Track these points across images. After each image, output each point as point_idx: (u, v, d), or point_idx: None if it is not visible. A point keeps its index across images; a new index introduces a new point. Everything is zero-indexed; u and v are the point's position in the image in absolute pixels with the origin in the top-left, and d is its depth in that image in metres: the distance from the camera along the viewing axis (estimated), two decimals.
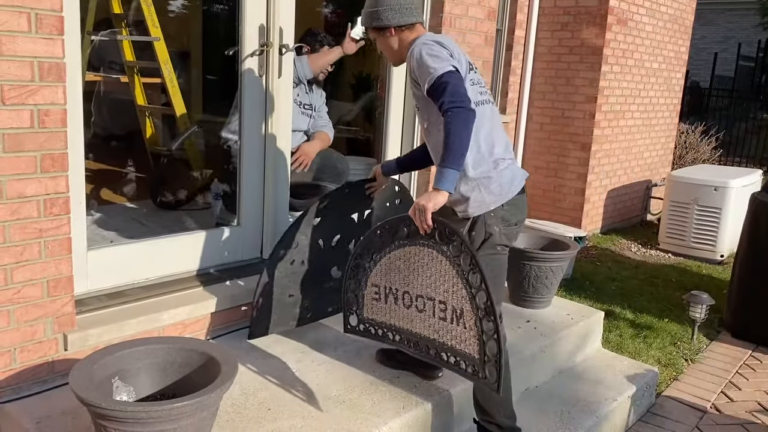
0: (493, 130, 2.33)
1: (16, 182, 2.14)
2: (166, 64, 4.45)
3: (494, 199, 2.28)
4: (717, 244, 5.84)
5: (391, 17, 2.29)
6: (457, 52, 2.26)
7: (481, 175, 2.27)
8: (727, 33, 21.08)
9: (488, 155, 2.30)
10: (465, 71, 2.24)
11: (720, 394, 3.52)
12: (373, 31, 2.37)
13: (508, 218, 2.33)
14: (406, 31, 2.32)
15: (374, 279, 2.38)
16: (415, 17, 2.33)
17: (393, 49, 2.37)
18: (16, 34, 2.07)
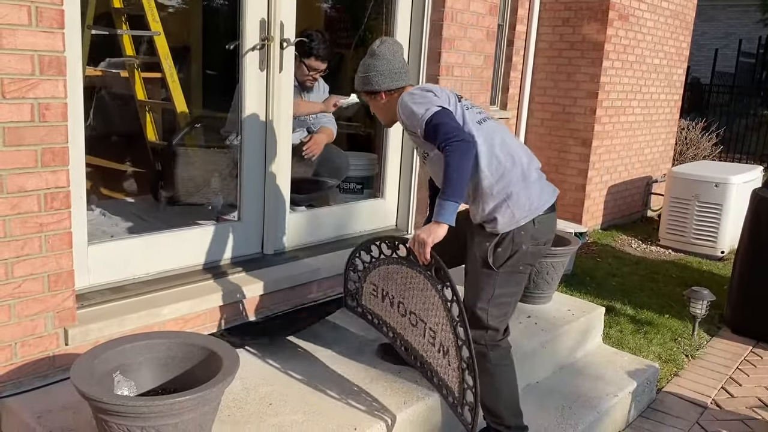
0: (507, 139, 2.35)
1: (16, 176, 2.13)
2: (167, 58, 4.43)
3: (524, 214, 2.27)
4: (717, 241, 5.84)
5: (381, 82, 2.39)
6: (440, 90, 2.34)
7: (506, 188, 2.26)
8: (728, 29, 21.04)
9: (511, 165, 2.28)
10: (454, 104, 2.31)
11: (720, 389, 3.52)
12: (365, 95, 2.47)
13: (538, 237, 2.32)
14: (395, 94, 2.41)
15: (373, 278, 2.38)
16: (404, 81, 2.42)
17: (384, 111, 2.47)
18: (17, 27, 2.06)
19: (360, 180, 4.39)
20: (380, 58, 2.39)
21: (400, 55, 2.43)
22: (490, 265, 2.29)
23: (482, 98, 4.00)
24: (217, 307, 2.81)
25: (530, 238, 2.29)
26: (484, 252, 2.29)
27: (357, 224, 3.73)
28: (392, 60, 2.40)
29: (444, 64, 3.68)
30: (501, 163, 2.27)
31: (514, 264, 2.31)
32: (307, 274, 3.15)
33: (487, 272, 2.31)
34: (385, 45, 2.41)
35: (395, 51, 2.42)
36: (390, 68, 2.38)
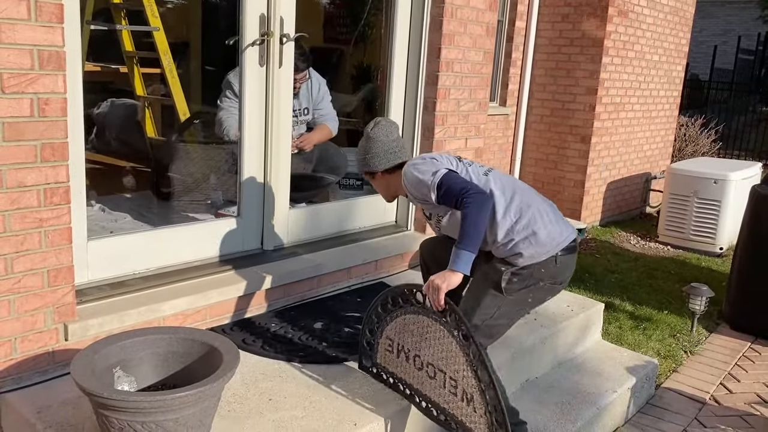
0: (517, 183, 2.44)
1: (16, 171, 2.13)
2: (166, 54, 4.43)
3: (546, 249, 2.32)
4: (716, 237, 5.85)
5: (378, 164, 2.49)
6: (440, 156, 2.43)
7: (527, 227, 2.31)
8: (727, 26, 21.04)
9: (527, 206, 2.34)
10: (456, 165, 2.40)
11: (719, 385, 3.53)
12: (366, 175, 2.58)
13: (556, 275, 2.38)
14: (394, 172, 2.50)
15: (389, 332, 2.38)
16: (400, 158, 2.50)
17: (384, 188, 2.59)
18: (16, 21, 2.05)
19: (359, 176, 4.39)
20: (374, 141, 2.49)
21: (394, 135, 2.52)
22: (501, 288, 2.32)
23: (482, 94, 3.99)
24: (217, 302, 2.81)
25: (549, 276, 2.36)
26: (499, 276, 2.32)
27: (357, 220, 3.73)
28: (386, 141, 2.48)
29: (444, 60, 3.68)
30: (518, 205, 2.34)
31: (524, 295, 2.35)
32: (307, 270, 3.15)
33: (494, 294, 2.33)
34: (379, 127, 2.51)
35: (389, 131, 2.50)
36: (385, 149, 2.48)
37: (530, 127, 6.53)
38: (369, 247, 3.55)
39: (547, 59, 6.34)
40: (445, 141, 3.83)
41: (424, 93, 3.75)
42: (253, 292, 2.94)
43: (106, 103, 4.93)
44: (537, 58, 6.38)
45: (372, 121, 2.56)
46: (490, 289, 2.33)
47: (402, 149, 2.52)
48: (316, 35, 6.42)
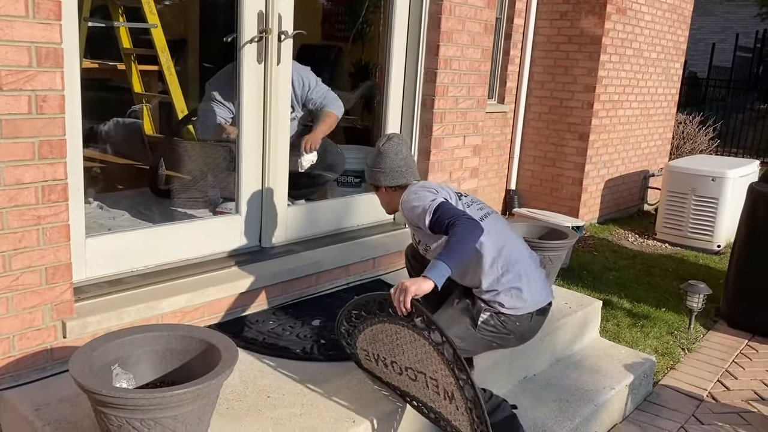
0: (511, 235, 2.47)
1: (13, 169, 2.13)
2: (164, 51, 4.42)
3: (525, 306, 2.36)
4: (714, 234, 5.86)
5: (383, 179, 2.55)
6: (440, 188, 2.46)
7: (511, 282, 2.34)
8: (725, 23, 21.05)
9: (515, 260, 2.38)
10: (455, 201, 2.43)
11: (716, 382, 3.53)
12: (371, 185, 2.63)
13: (525, 333, 2.43)
14: (398, 190, 2.55)
15: (362, 344, 2.37)
16: (406, 179, 2.55)
17: (386, 202, 2.65)
18: (13, 18, 2.05)
19: (358, 173, 4.39)
20: (383, 157, 2.54)
21: (403, 153, 2.55)
22: (476, 324, 2.35)
23: (480, 91, 3.99)
24: (216, 300, 2.81)
25: (520, 332, 2.40)
26: (479, 313, 2.35)
27: (355, 218, 3.73)
28: (394, 159, 2.53)
29: (442, 57, 3.68)
30: (507, 259, 2.37)
31: (492, 339, 2.39)
32: (305, 268, 3.15)
33: (467, 326, 2.36)
34: (390, 144, 2.55)
35: (398, 150, 2.54)
36: (392, 167, 2.53)
37: (528, 125, 6.54)
38: (367, 245, 3.55)
39: (545, 57, 6.34)
40: (444, 138, 3.84)
41: (423, 90, 3.75)
42: (252, 290, 2.94)
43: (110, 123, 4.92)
44: (535, 56, 6.38)
45: (385, 135, 2.61)
46: (466, 320, 2.36)
47: (409, 169, 2.56)
48: (315, 32, 6.41)
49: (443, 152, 3.86)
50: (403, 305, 2.08)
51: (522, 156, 6.61)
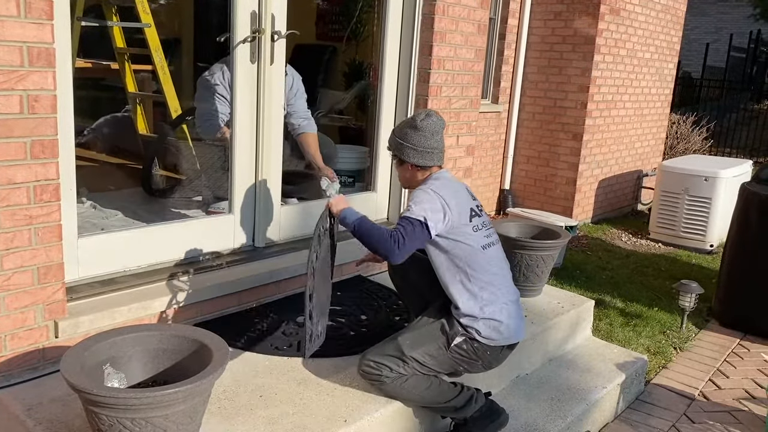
0: (503, 271, 2.50)
1: (5, 168, 2.13)
2: (157, 50, 4.41)
3: (500, 338, 2.42)
4: (707, 234, 5.88)
5: (412, 156, 2.47)
6: (456, 202, 2.40)
7: (494, 314, 2.40)
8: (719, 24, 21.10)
9: (501, 294, 2.44)
10: (466, 219, 2.41)
11: (708, 381, 3.55)
12: (394, 157, 2.57)
13: (492, 363, 2.49)
14: (421, 170, 2.50)
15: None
16: (434, 162, 2.50)
17: (406, 178, 2.57)
18: (5, 18, 2.05)
19: (351, 173, 4.39)
20: (419, 133, 2.46)
21: (439, 134, 2.49)
22: (449, 345, 2.38)
23: (474, 92, 4.00)
24: (209, 299, 2.81)
25: (488, 361, 2.46)
26: (454, 336, 2.38)
27: None
28: (429, 138, 2.46)
29: (435, 58, 3.68)
30: (492, 291, 2.42)
31: (460, 362, 2.42)
32: (299, 267, 3.15)
33: (440, 345, 2.39)
34: (429, 120, 2.47)
35: (435, 130, 2.47)
36: (425, 146, 2.46)
37: (522, 125, 6.55)
38: (360, 244, 3.54)
39: (539, 57, 6.36)
40: None
41: (416, 90, 3.75)
42: (245, 289, 2.94)
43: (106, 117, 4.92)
44: (529, 56, 6.39)
45: (423, 111, 2.52)
46: (441, 340, 2.39)
47: (440, 153, 2.50)
48: (308, 32, 6.41)
49: None
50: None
51: (516, 156, 6.63)
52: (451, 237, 2.38)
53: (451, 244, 2.39)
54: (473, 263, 2.39)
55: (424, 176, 2.50)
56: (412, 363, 2.35)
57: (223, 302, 2.88)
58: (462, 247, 2.38)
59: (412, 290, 2.62)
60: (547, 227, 3.67)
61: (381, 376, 2.33)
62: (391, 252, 2.31)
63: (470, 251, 2.39)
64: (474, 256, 2.39)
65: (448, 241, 2.39)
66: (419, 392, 2.37)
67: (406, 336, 2.41)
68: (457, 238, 2.38)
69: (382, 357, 2.35)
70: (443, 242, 2.39)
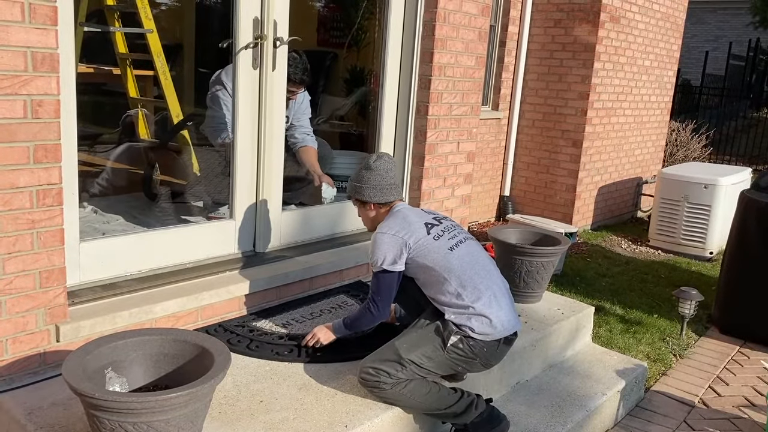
0: (480, 262, 2.53)
1: (8, 173, 2.13)
2: (159, 56, 4.43)
3: (494, 332, 2.43)
4: (706, 241, 5.89)
5: (371, 195, 2.61)
6: (409, 228, 2.52)
7: (482, 310, 2.42)
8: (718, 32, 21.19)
9: (485, 287, 2.46)
10: (424, 233, 2.52)
11: (708, 389, 3.55)
12: (355, 201, 2.69)
13: (490, 359, 2.50)
14: (383, 208, 2.64)
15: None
16: (393, 196, 2.63)
17: (369, 220, 2.70)
18: (9, 23, 2.06)
19: None
20: (374, 173, 2.60)
21: (392, 172, 2.63)
22: (445, 345, 2.40)
23: (474, 98, 4.02)
24: (209, 304, 2.81)
25: (486, 357, 2.47)
26: (449, 335, 2.41)
27: (348, 223, 3.75)
28: (384, 176, 2.60)
29: (436, 64, 3.70)
30: (474, 286, 2.45)
31: (458, 362, 2.44)
32: (300, 272, 3.16)
33: (436, 346, 2.41)
34: (381, 161, 2.62)
35: (389, 168, 2.62)
36: (381, 183, 2.60)
37: (522, 132, 6.57)
38: (361, 250, 3.56)
39: (539, 64, 6.38)
40: (438, 145, 3.86)
41: (417, 97, 3.77)
42: (246, 294, 2.95)
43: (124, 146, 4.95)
44: (529, 63, 6.42)
45: (375, 153, 2.68)
46: (437, 341, 2.41)
47: (396, 188, 2.64)
48: (310, 38, 6.44)
49: (437, 158, 3.88)
50: (313, 343, 2.67)
51: (516, 162, 6.64)
52: (417, 257, 2.48)
53: (420, 261, 2.48)
54: (446, 268, 2.45)
55: (385, 211, 2.64)
56: (410, 366, 2.36)
57: (224, 307, 2.88)
58: (431, 258, 2.47)
59: (407, 296, 2.64)
60: (547, 234, 3.67)
61: (380, 383, 2.34)
62: (376, 318, 2.55)
63: (439, 258, 2.47)
64: (444, 260, 2.47)
65: (416, 261, 2.49)
66: (418, 398, 2.37)
67: (403, 340, 2.44)
68: (423, 253, 2.48)
69: (380, 363, 2.37)
70: (413, 263, 2.50)
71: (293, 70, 3.60)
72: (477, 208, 6.42)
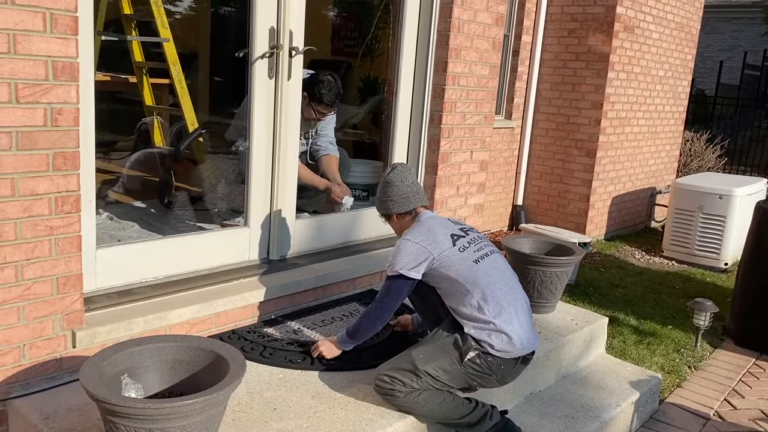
0: (506, 278, 2.51)
1: (28, 180, 2.16)
2: (175, 65, 4.47)
3: (514, 350, 2.42)
4: (721, 252, 5.84)
5: (392, 207, 2.64)
6: (434, 238, 2.49)
7: (503, 326, 2.39)
8: (733, 41, 21.07)
9: (507, 303, 2.43)
10: (449, 245, 2.49)
11: (723, 401, 3.52)
12: (382, 216, 2.74)
13: (506, 377, 2.49)
14: (407, 217, 2.66)
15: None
16: (414, 204, 2.65)
17: (399, 229, 2.70)
18: (32, 33, 2.09)
19: (365, 187, 4.41)
20: (390, 185, 2.63)
21: (409, 180, 2.64)
22: (462, 360, 2.39)
23: (488, 107, 4.02)
24: (223, 311, 2.83)
25: (502, 375, 2.46)
26: (468, 350, 2.39)
27: (362, 231, 3.76)
28: (400, 186, 2.62)
29: (450, 74, 3.71)
30: (498, 303, 2.42)
31: (474, 377, 2.43)
32: (313, 280, 3.17)
33: (453, 359, 2.39)
34: (394, 172, 2.64)
35: (403, 177, 2.64)
36: (399, 194, 2.62)
37: (535, 141, 6.56)
38: (374, 258, 3.57)
39: (552, 73, 6.38)
40: (451, 153, 3.86)
41: (431, 106, 3.78)
42: (259, 302, 2.96)
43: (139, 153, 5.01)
44: (543, 73, 6.42)
45: (389, 165, 2.69)
46: (454, 354, 2.40)
47: (416, 195, 2.64)
48: (324, 47, 6.48)
49: (450, 167, 3.89)
50: (316, 355, 2.67)
51: (529, 171, 6.63)
52: (441, 267, 2.46)
53: (443, 272, 2.47)
54: (470, 280, 2.43)
55: (410, 220, 2.64)
56: (425, 377, 2.36)
57: (238, 314, 2.89)
58: (454, 270, 2.45)
59: (426, 304, 2.63)
60: (561, 243, 3.66)
61: (394, 391, 2.34)
62: (376, 321, 2.55)
63: (463, 270, 2.45)
64: (469, 272, 2.44)
65: (439, 272, 2.47)
66: (432, 407, 2.37)
67: (420, 350, 2.43)
68: (447, 264, 2.46)
69: (395, 371, 2.37)
70: (436, 273, 2.48)
71: (327, 93, 3.65)
72: (489, 217, 6.41)
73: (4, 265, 2.16)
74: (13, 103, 2.09)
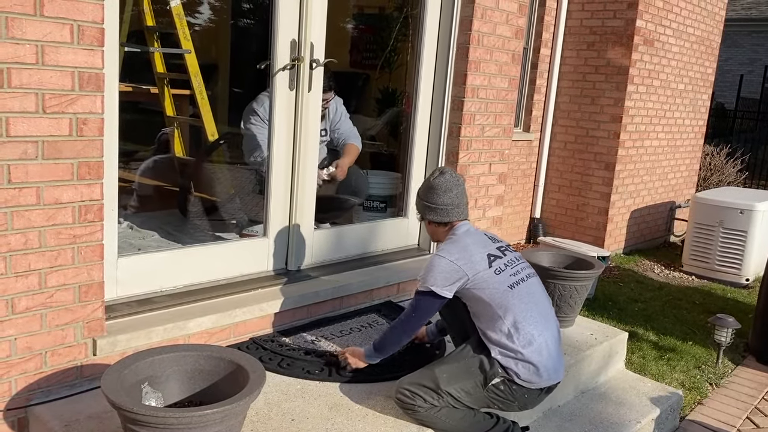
0: (539, 306, 2.44)
1: (53, 188, 2.19)
2: (197, 76, 4.52)
3: (539, 381, 2.38)
4: (742, 268, 5.77)
5: (428, 214, 2.56)
6: (470, 257, 2.41)
7: (531, 356, 2.34)
8: (754, 55, 20.89)
9: (538, 334, 2.37)
10: (485, 266, 2.41)
11: (745, 419, 3.46)
12: (418, 214, 2.66)
13: (527, 405, 2.45)
14: (441, 226, 2.57)
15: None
16: (452, 218, 2.53)
17: (431, 233, 2.65)
18: (59, 45, 2.13)
19: (383, 198, 4.42)
20: (433, 192, 2.53)
21: (453, 191, 2.52)
22: (486, 384, 2.36)
23: (506, 120, 4.02)
24: (242, 321, 2.83)
25: (524, 404, 2.43)
26: (493, 375, 2.35)
27: (380, 242, 3.76)
28: (443, 195, 2.51)
29: (470, 86, 3.72)
30: (530, 332, 2.36)
31: (496, 401, 2.39)
32: (330, 291, 3.17)
33: (476, 382, 2.36)
34: (442, 178, 2.54)
35: (448, 187, 2.52)
36: (440, 203, 2.51)
37: (554, 154, 6.54)
38: (392, 270, 3.56)
39: (571, 86, 6.36)
40: (469, 166, 3.86)
41: (449, 118, 3.78)
42: (277, 312, 2.96)
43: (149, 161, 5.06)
44: (561, 85, 6.40)
45: (438, 168, 2.60)
46: (478, 377, 2.36)
47: (457, 208, 2.52)
48: (343, 59, 6.52)
49: (469, 179, 3.88)
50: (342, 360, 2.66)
51: (547, 184, 6.61)
52: (474, 288, 2.39)
53: (476, 293, 2.39)
54: (503, 306, 2.36)
55: (445, 230, 2.56)
56: (446, 397, 2.34)
57: (256, 324, 2.90)
58: (488, 293, 2.37)
59: (455, 318, 2.57)
60: (581, 257, 3.63)
61: (415, 405, 2.33)
62: (403, 337, 2.51)
63: (497, 294, 2.37)
64: (502, 298, 2.37)
65: (472, 293, 2.40)
66: (453, 422, 2.35)
67: (444, 368, 2.39)
68: (481, 286, 2.39)
69: (417, 387, 2.35)
70: (468, 293, 2.42)
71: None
72: (507, 230, 6.38)
73: (28, 272, 2.19)
74: (40, 113, 2.12)
